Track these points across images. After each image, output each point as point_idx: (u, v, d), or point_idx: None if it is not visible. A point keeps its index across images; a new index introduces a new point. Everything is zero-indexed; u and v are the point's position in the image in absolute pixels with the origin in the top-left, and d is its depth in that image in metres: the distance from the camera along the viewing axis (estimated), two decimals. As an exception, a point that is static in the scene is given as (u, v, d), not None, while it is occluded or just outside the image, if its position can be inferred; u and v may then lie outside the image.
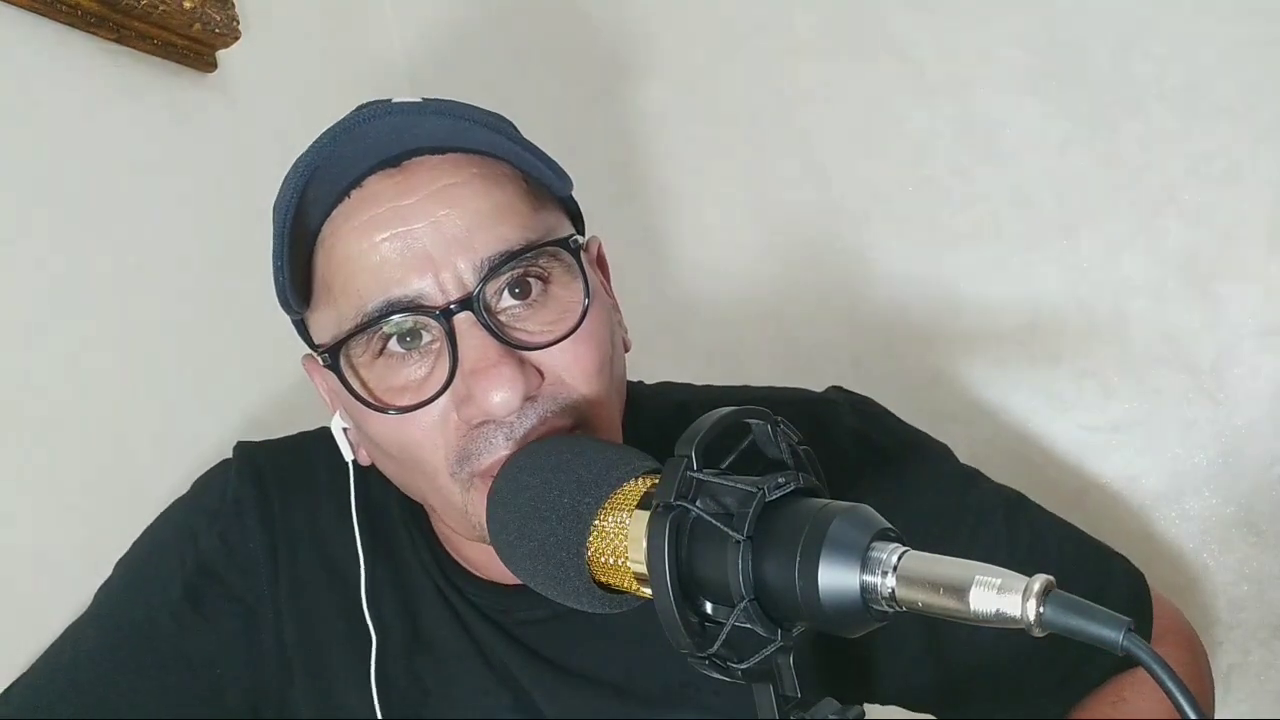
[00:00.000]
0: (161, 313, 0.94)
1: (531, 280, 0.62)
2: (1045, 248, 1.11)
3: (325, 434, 0.75)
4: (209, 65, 1.01)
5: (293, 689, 0.75)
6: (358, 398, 0.63)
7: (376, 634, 0.73)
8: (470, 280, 0.60)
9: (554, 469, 0.56)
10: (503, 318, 0.62)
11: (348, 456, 0.72)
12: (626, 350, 0.72)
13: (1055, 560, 0.78)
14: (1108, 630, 0.37)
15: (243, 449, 0.80)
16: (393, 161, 0.62)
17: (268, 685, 0.75)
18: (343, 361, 0.63)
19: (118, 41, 0.91)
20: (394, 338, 0.61)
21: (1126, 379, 1.09)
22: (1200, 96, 1.05)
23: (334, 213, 0.63)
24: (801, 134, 1.20)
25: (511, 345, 0.60)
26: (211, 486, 0.78)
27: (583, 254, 0.65)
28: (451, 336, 0.60)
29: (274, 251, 0.63)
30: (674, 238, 1.27)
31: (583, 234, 0.72)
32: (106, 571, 0.80)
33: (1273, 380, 1.04)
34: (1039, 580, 0.39)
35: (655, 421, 0.75)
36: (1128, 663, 0.71)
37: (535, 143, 0.66)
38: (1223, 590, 1.08)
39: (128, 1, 0.88)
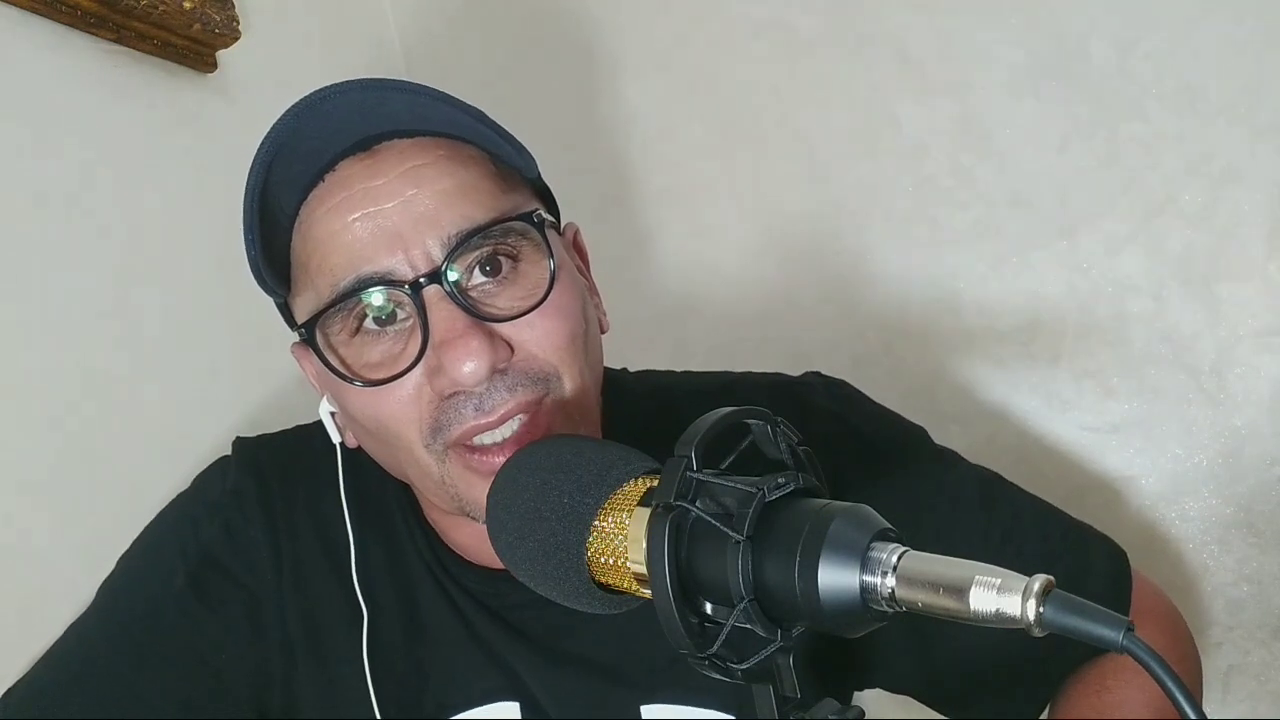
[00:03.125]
0: (162, 312, 0.94)
1: (502, 258, 0.65)
2: (1045, 248, 1.11)
3: (322, 425, 0.76)
4: (209, 65, 1.01)
5: (296, 672, 0.75)
6: (334, 371, 0.64)
7: (369, 610, 0.74)
8: (438, 255, 0.62)
9: (554, 469, 0.56)
10: (474, 294, 0.64)
11: (335, 439, 0.74)
12: (604, 332, 0.74)
13: (1033, 541, 0.78)
14: (1107, 630, 0.37)
15: (241, 444, 0.81)
16: (363, 145, 0.65)
17: (272, 670, 0.76)
18: (319, 338, 0.65)
19: (118, 41, 0.91)
20: (370, 317, 0.64)
21: (1126, 379, 1.09)
22: (1200, 96, 1.05)
23: (309, 196, 0.65)
24: (801, 134, 1.20)
25: (480, 317, 0.62)
26: (211, 480, 0.79)
27: (550, 230, 0.68)
28: (422, 310, 0.62)
29: (244, 227, 0.64)
30: (673, 237, 1.27)
31: (557, 217, 0.74)
32: (106, 571, 0.80)
33: (1273, 380, 1.04)
34: (1039, 580, 0.39)
35: (636, 405, 0.78)
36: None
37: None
38: (1222, 591, 1.08)
39: (128, 2, 0.88)
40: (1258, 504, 1.06)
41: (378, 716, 0.72)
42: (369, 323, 0.64)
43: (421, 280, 0.62)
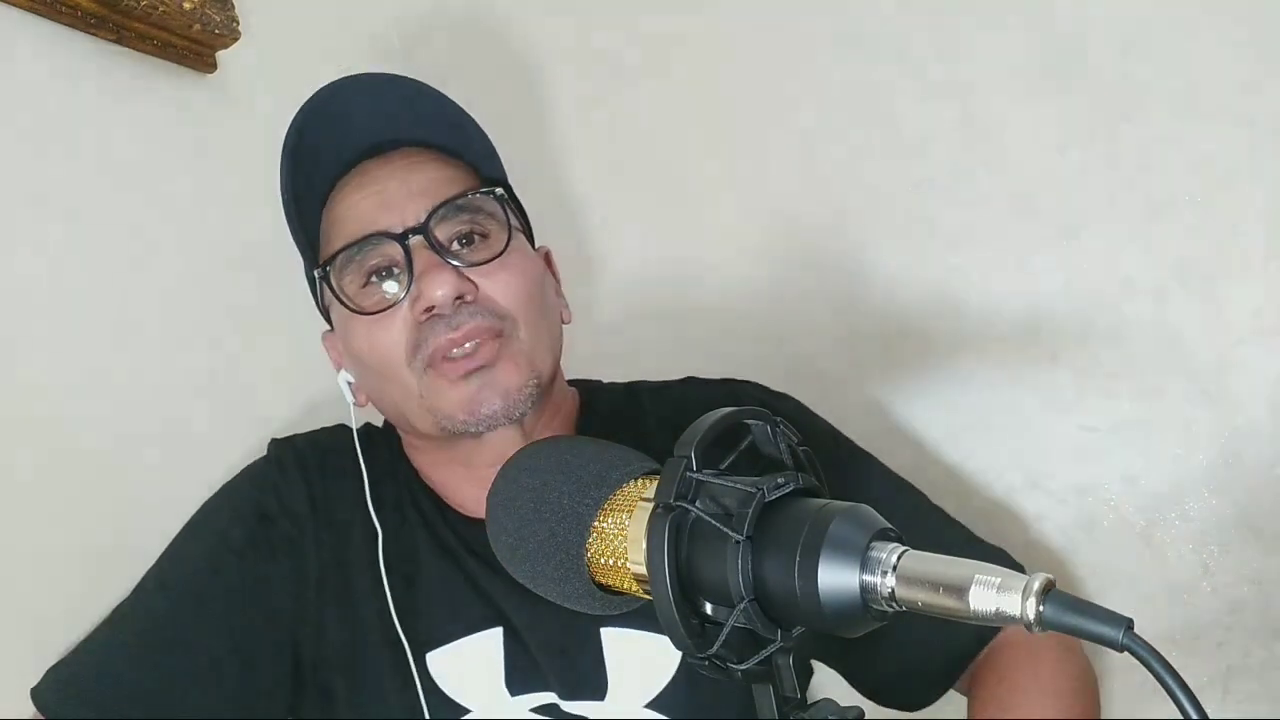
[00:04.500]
0: (162, 313, 0.94)
1: (476, 235, 0.83)
2: (1045, 248, 1.11)
3: (338, 428, 0.92)
4: (209, 65, 1.01)
5: (326, 608, 0.85)
6: (344, 304, 0.82)
7: (382, 530, 0.85)
8: (423, 217, 0.81)
9: (553, 470, 0.56)
10: (451, 251, 0.81)
11: (349, 400, 0.89)
12: (566, 322, 0.90)
13: (932, 545, 0.82)
14: (1107, 628, 0.37)
15: (275, 441, 0.92)
16: (379, 150, 0.85)
17: (309, 606, 0.85)
18: (334, 283, 0.82)
19: (118, 42, 0.91)
20: (375, 274, 0.81)
21: (1126, 379, 1.09)
22: (1200, 96, 1.05)
23: (336, 185, 0.85)
24: (801, 134, 1.20)
25: (451, 261, 0.80)
26: (255, 464, 0.90)
27: (509, 204, 0.85)
28: (408, 254, 0.80)
29: (280, 173, 0.83)
30: (673, 237, 1.27)
31: (529, 226, 0.91)
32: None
33: (1273, 381, 1.04)
34: (1039, 579, 0.39)
35: (608, 403, 0.95)
36: (983, 641, 0.89)
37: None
38: (1223, 591, 1.08)
39: (128, 2, 0.88)
40: (1258, 504, 1.06)
41: (395, 618, 0.82)
42: (374, 278, 0.81)
43: (408, 233, 0.80)
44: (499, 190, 0.85)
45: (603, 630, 0.83)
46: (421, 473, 0.90)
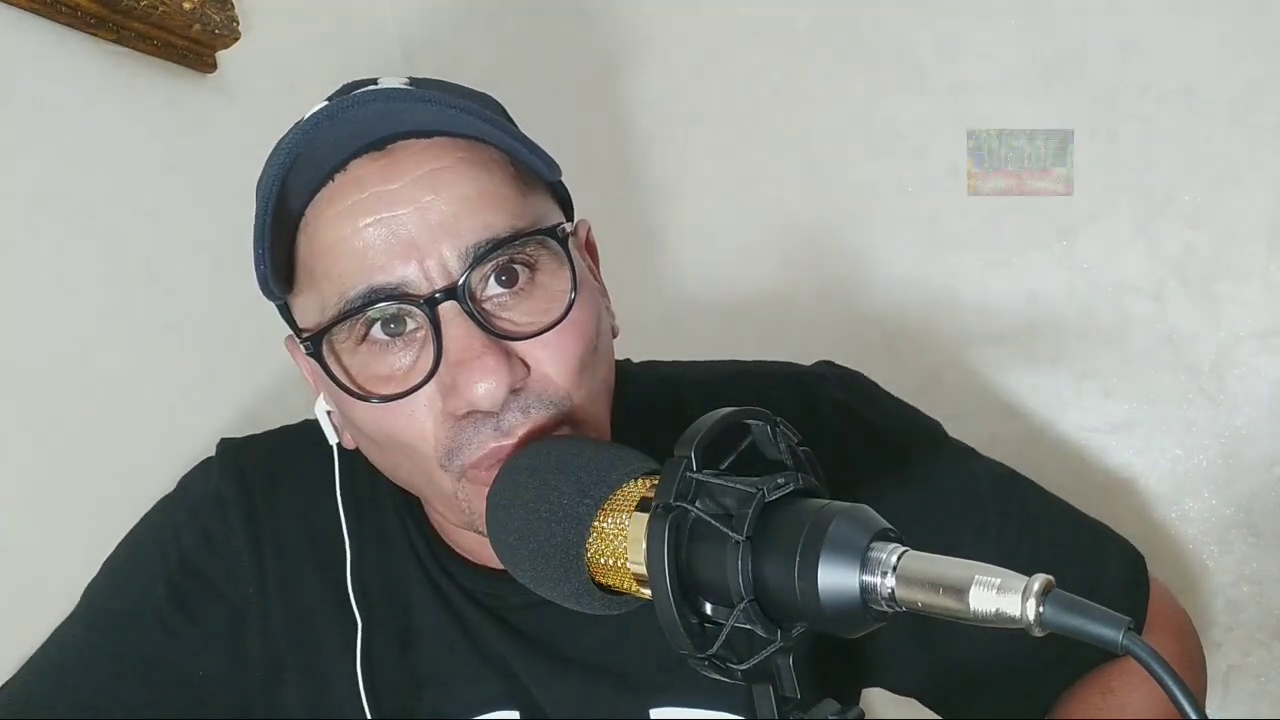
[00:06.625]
0: (162, 312, 0.94)
1: (518, 267, 0.61)
2: (1045, 248, 1.11)
3: (311, 426, 0.73)
4: (209, 65, 1.01)
5: (283, 687, 0.73)
6: (341, 386, 0.62)
7: (363, 620, 0.72)
8: (455, 268, 0.59)
9: (553, 470, 0.55)
10: (488, 306, 0.61)
11: (332, 440, 0.71)
12: (615, 336, 0.71)
13: (1048, 544, 0.78)
14: (1107, 629, 0.37)
15: (226, 445, 0.79)
16: (377, 145, 0.61)
17: (255, 686, 0.74)
18: (325, 348, 0.62)
19: (118, 42, 0.91)
20: (377, 324, 0.61)
21: (1126, 379, 1.09)
22: (1200, 96, 1.05)
23: (317, 196, 0.62)
24: (801, 134, 1.20)
25: (496, 335, 0.60)
26: (193, 485, 0.77)
27: (571, 241, 0.65)
28: (436, 325, 0.59)
29: (255, 239, 0.61)
30: (673, 237, 1.27)
31: (571, 220, 0.71)
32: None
33: (1272, 381, 1.04)
34: (1038, 580, 0.39)
35: (641, 398, 0.75)
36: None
37: (533, 141, 0.65)
38: (1222, 591, 1.08)
39: (128, 2, 0.88)
40: (1258, 504, 1.06)
41: (364, 701, 0.70)
42: (377, 330, 0.61)
43: (438, 295, 0.58)
44: (562, 228, 0.64)
45: (653, 710, 0.71)
46: (425, 508, 0.74)
